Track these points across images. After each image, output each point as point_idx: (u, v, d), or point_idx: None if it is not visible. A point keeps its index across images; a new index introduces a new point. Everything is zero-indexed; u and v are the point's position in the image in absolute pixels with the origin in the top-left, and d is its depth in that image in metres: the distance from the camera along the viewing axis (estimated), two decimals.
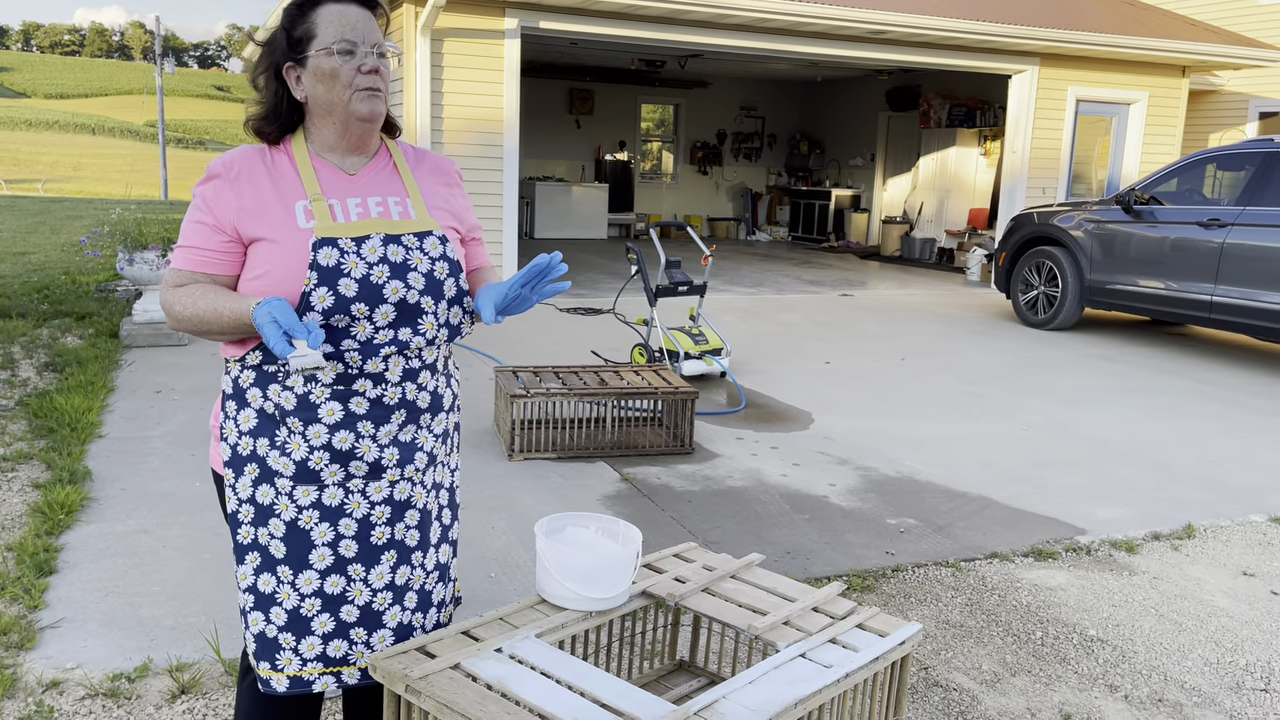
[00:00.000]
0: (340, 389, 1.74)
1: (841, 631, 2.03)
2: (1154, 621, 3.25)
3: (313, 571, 1.78)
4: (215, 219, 1.73)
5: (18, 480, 4.06)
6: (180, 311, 1.71)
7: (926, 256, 14.28)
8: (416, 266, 1.75)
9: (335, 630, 1.80)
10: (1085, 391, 6.44)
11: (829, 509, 4.13)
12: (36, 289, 8.69)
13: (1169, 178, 8.08)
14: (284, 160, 1.78)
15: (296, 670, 1.80)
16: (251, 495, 1.77)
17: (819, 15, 9.28)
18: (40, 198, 24.40)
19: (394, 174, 1.84)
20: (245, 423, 1.77)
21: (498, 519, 3.86)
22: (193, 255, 1.74)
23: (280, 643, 1.79)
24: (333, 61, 1.71)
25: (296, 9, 1.77)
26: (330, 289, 1.67)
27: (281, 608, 1.78)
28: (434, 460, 1.88)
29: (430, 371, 1.84)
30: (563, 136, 16.47)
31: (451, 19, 8.55)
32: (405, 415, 1.80)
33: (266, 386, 1.75)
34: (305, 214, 1.72)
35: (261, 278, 1.70)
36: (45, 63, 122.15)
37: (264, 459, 1.76)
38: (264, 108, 1.80)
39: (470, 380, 6.07)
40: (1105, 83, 11.55)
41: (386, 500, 1.81)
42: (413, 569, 1.86)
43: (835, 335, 8.07)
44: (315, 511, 1.77)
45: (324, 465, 1.75)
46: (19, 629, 2.83)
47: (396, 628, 1.85)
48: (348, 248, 1.70)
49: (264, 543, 1.78)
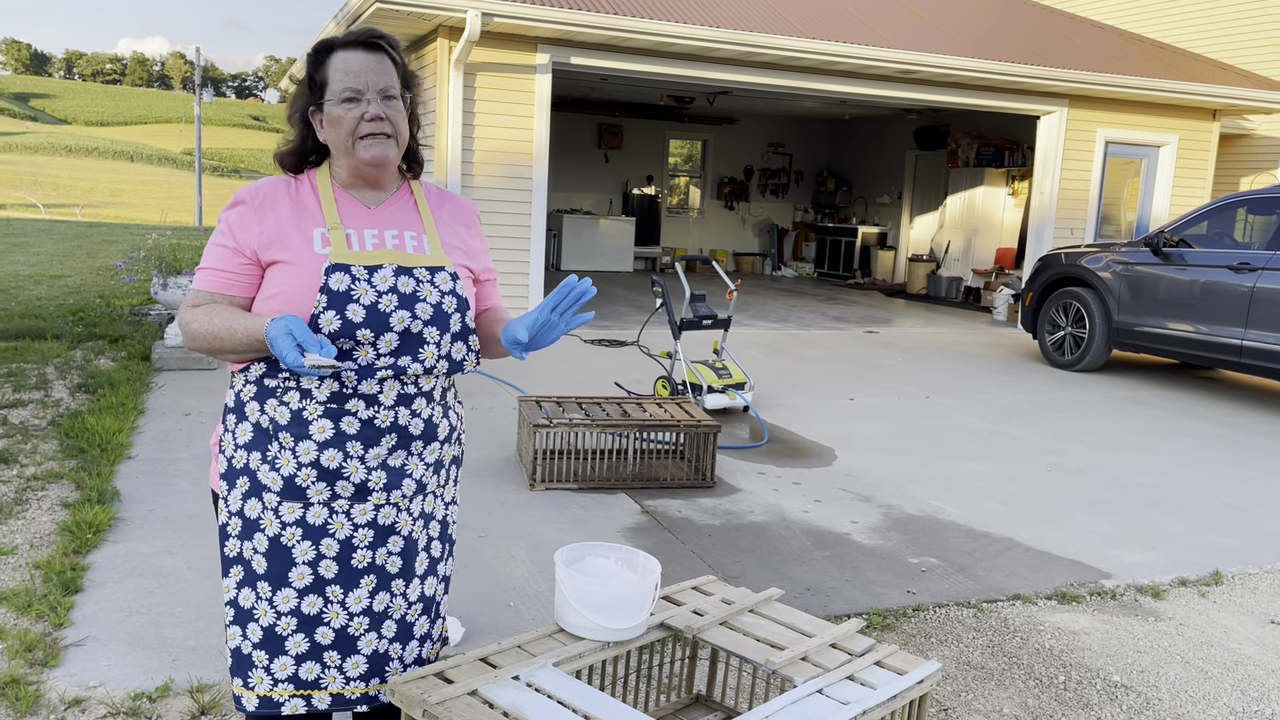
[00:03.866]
0: (333, 407, 1.77)
1: (860, 669, 2.02)
2: (1180, 669, 3.20)
3: (291, 590, 1.78)
4: (237, 243, 1.78)
5: (48, 499, 4.11)
6: (196, 329, 1.75)
7: (953, 295, 14.24)
8: (425, 298, 1.78)
9: (309, 651, 1.80)
10: (1112, 434, 6.38)
11: (850, 546, 4.11)
12: (72, 311, 8.84)
13: (1199, 221, 8.04)
14: (308, 191, 1.84)
15: (267, 690, 1.80)
16: (240, 509, 1.80)
17: (848, 55, 9.35)
18: (78, 222, 24.86)
19: (413, 210, 1.89)
20: (241, 436, 1.80)
21: (518, 548, 3.86)
22: (213, 277, 1.80)
23: (254, 660, 1.79)
24: (338, 110, 1.77)
25: (314, 56, 1.84)
26: (338, 313, 1.71)
27: (258, 624, 1.79)
28: (423, 489, 1.88)
29: (426, 399, 1.85)
30: (591, 170, 16.62)
31: (484, 54, 8.69)
32: (396, 440, 1.82)
33: (264, 401, 1.79)
34: (322, 240, 1.77)
35: (274, 298, 1.75)
36: (87, 90, 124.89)
37: (255, 473, 1.78)
38: (292, 145, 1.87)
39: (494, 409, 6.11)
40: (1135, 125, 11.53)
41: (370, 524, 1.81)
42: (393, 596, 1.86)
43: (859, 372, 8.05)
44: (299, 529, 1.78)
45: (311, 483, 1.77)
46: (44, 646, 2.86)
47: (371, 655, 1.84)
48: (359, 275, 1.74)
49: (247, 557, 1.79)
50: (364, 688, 1.85)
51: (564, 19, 8.33)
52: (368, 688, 1.85)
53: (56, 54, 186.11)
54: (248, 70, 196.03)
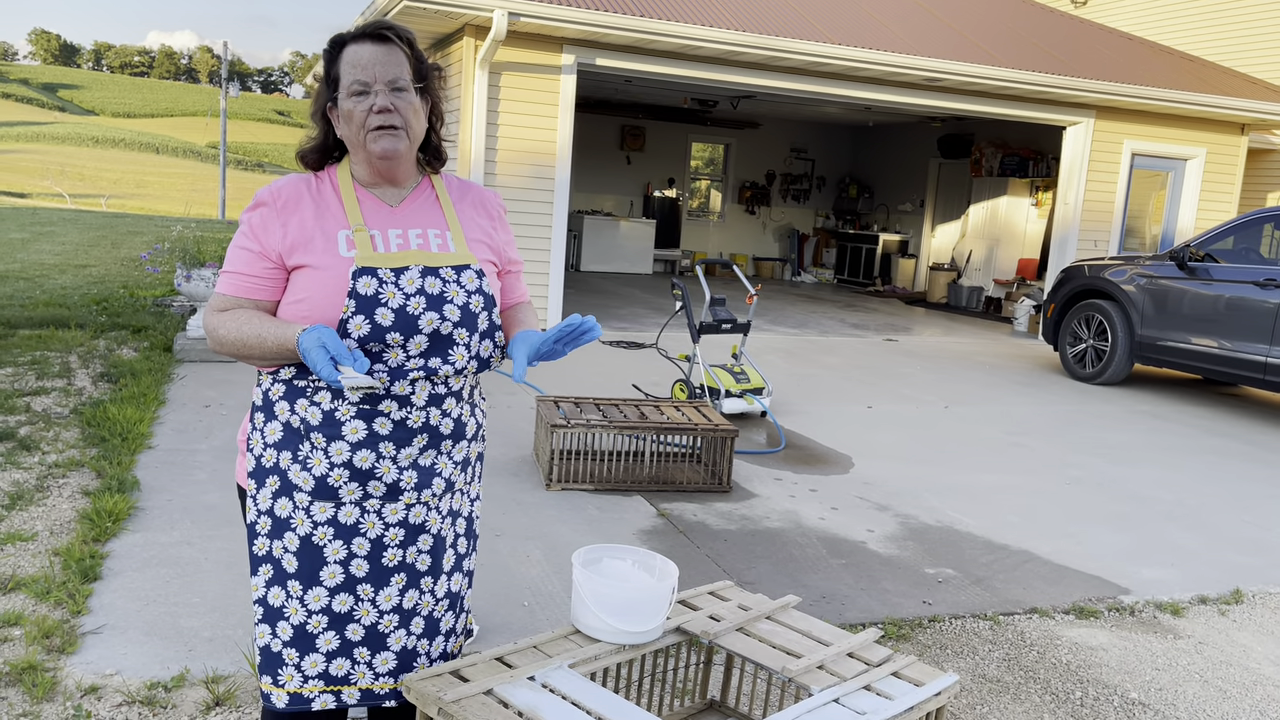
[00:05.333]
0: (366, 408, 1.77)
1: (877, 679, 2.01)
2: (1198, 687, 3.17)
3: (322, 588, 1.79)
4: (261, 246, 1.77)
5: (68, 487, 4.15)
6: (223, 335, 1.75)
7: (973, 305, 14.16)
8: (453, 299, 1.77)
9: (339, 649, 1.81)
10: (1132, 448, 6.33)
11: (866, 555, 4.09)
12: (96, 301, 8.91)
13: (1225, 235, 7.96)
14: (329, 190, 1.82)
15: (297, 687, 1.80)
16: (270, 507, 1.80)
17: (873, 61, 9.32)
18: (103, 213, 25.08)
19: (435, 206, 1.87)
20: (271, 435, 1.80)
21: (533, 548, 3.86)
22: (237, 281, 1.79)
23: (284, 658, 1.80)
24: (349, 104, 1.76)
25: (327, 53, 1.83)
26: (367, 317, 1.71)
27: (288, 622, 1.79)
28: (452, 487, 1.89)
29: (456, 399, 1.85)
30: (613, 171, 16.63)
31: (510, 53, 8.71)
32: (427, 440, 1.82)
33: (295, 401, 1.79)
34: (347, 243, 1.76)
35: (301, 303, 1.74)
36: (115, 82, 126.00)
37: (285, 472, 1.78)
38: (314, 142, 1.86)
39: (511, 409, 6.11)
40: (1162, 137, 11.44)
41: (401, 523, 1.82)
42: (421, 594, 1.86)
43: (878, 380, 8.02)
44: (330, 528, 1.79)
45: (343, 483, 1.77)
46: (62, 633, 2.88)
47: (400, 651, 1.85)
48: (386, 278, 1.73)
49: (277, 556, 1.80)
50: (392, 683, 1.86)
51: (590, 20, 8.34)
52: (395, 683, 1.86)
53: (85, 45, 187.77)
54: (274, 65, 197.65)
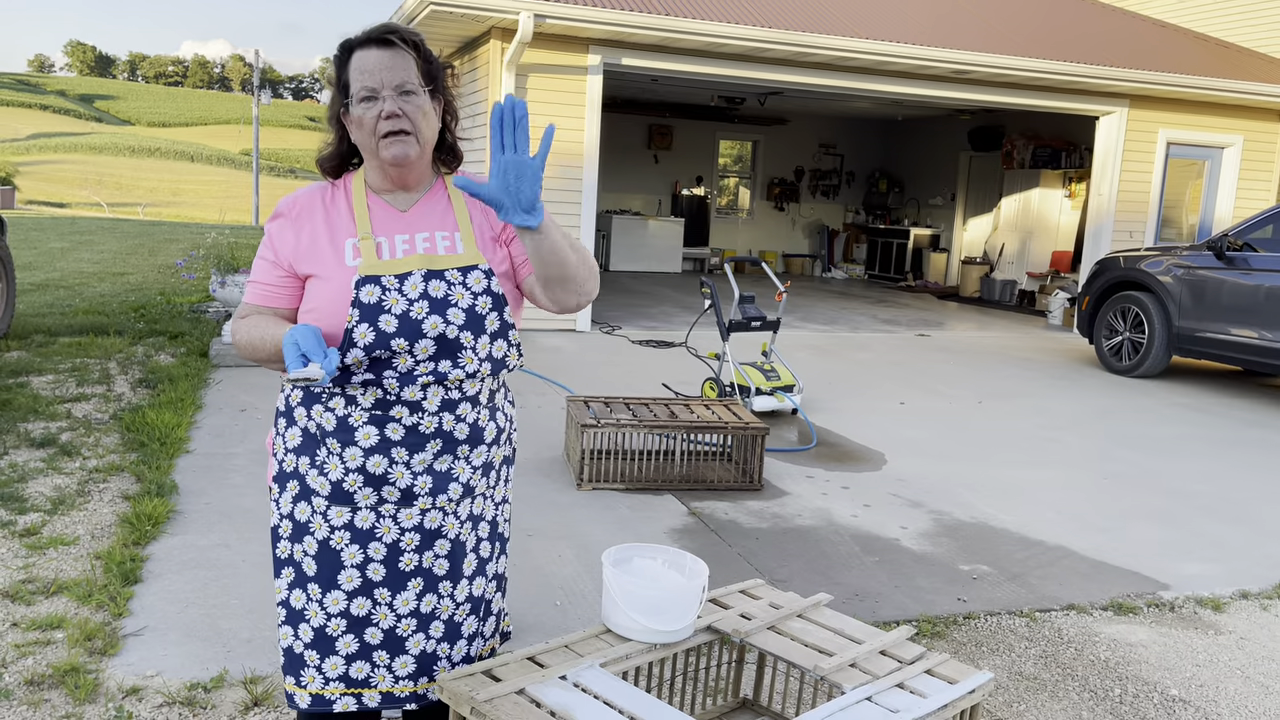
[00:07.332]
0: (378, 414, 1.78)
1: (910, 677, 2.00)
2: (1240, 683, 3.11)
3: (340, 592, 1.81)
4: (276, 255, 1.81)
5: (109, 491, 4.22)
6: (240, 339, 1.80)
7: (1007, 298, 14.02)
8: (458, 302, 1.76)
9: (359, 651, 1.83)
10: (1171, 442, 6.24)
11: (900, 552, 4.06)
12: (134, 308, 9.06)
13: (1264, 224, 7.82)
14: (342, 198, 1.84)
15: (319, 688, 1.83)
16: (291, 511, 1.83)
17: (902, 55, 9.25)
18: (140, 221, 25.47)
19: (448, 208, 1.85)
20: (291, 440, 1.83)
21: (565, 548, 3.88)
22: (257, 289, 1.84)
23: (305, 659, 1.83)
24: (358, 110, 1.76)
25: (337, 58, 1.82)
26: (371, 325, 1.71)
27: (309, 624, 1.82)
28: (471, 492, 1.88)
29: (471, 404, 1.84)
30: (641, 171, 16.63)
31: (536, 55, 8.74)
32: (441, 445, 1.82)
33: (311, 406, 1.82)
34: (353, 251, 1.77)
35: (311, 312, 1.78)
36: (149, 92, 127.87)
37: (304, 477, 1.81)
38: (331, 149, 1.87)
39: (542, 409, 6.14)
40: (1198, 125, 11.26)
41: (416, 528, 1.83)
42: (440, 598, 1.87)
43: (910, 375, 7.96)
44: (347, 533, 1.81)
45: (358, 488, 1.79)
46: (103, 635, 2.93)
47: (419, 655, 1.86)
48: (390, 284, 1.73)
49: (298, 559, 1.83)
50: (413, 686, 1.87)
51: (615, 20, 8.35)
52: (416, 686, 1.87)
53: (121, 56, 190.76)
54: (304, 72, 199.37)
